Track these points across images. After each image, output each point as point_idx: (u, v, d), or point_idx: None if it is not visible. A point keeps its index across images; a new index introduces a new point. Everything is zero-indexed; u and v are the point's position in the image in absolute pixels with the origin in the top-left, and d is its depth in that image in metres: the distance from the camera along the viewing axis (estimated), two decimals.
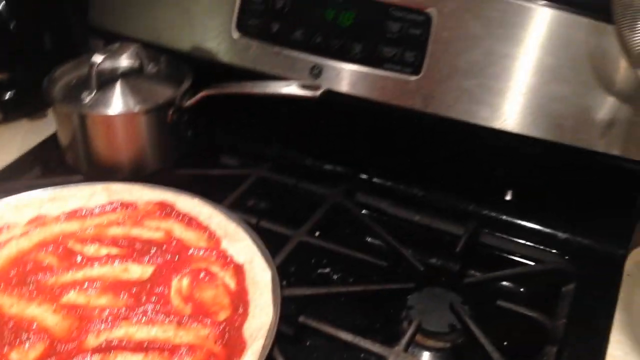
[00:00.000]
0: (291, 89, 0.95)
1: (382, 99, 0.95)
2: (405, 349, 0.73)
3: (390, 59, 0.95)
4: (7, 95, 1.20)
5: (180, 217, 0.89)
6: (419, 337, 0.78)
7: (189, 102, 1.02)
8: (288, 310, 0.76)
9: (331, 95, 0.96)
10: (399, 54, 0.94)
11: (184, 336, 0.72)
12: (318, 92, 0.94)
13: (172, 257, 0.82)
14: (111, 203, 0.91)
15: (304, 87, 0.95)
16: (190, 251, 0.84)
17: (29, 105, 1.20)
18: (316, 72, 0.99)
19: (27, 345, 0.69)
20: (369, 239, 0.97)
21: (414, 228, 0.97)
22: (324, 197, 0.99)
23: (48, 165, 1.08)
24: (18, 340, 0.70)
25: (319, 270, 0.93)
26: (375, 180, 1.06)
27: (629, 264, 0.90)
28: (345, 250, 0.90)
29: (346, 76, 0.97)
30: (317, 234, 0.94)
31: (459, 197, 1.00)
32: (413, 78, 0.93)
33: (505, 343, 0.78)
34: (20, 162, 1.08)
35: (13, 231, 0.85)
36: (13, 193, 0.92)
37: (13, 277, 0.78)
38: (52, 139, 1.10)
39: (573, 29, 0.84)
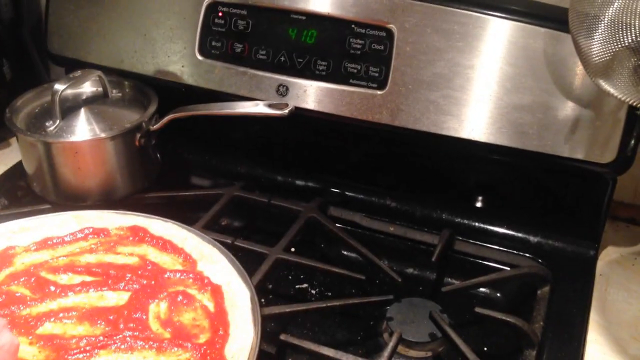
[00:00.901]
0: (259, 108, 0.95)
1: (350, 114, 0.96)
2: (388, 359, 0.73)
3: (355, 75, 0.96)
4: None
5: (154, 241, 0.88)
6: (400, 348, 0.78)
7: (156, 126, 1.01)
8: (268, 329, 0.76)
9: (299, 113, 0.96)
10: (364, 69, 0.95)
11: None
12: (286, 111, 0.94)
13: (149, 281, 0.81)
14: (82, 231, 0.89)
15: (272, 106, 0.95)
16: (167, 275, 0.83)
17: None
18: (283, 90, 1.00)
19: None
20: (345, 252, 0.98)
21: (388, 239, 0.98)
22: (297, 213, 0.99)
23: (14, 194, 1.06)
24: None
25: (297, 286, 0.93)
26: (347, 193, 1.06)
27: (601, 264, 0.92)
28: (321, 266, 0.90)
29: (313, 93, 0.98)
30: (292, 249, 0.94)
31: (432, 207, 1.01)
32: (379, 92, 0.94)
33: (485, 349, 0.79)
34: None
35: None
36: None
37: None
38: (17, 168, 1.08)
39: (531, 38, 0.86)
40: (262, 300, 0.81)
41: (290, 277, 0.94)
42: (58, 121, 0.98)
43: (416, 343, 0.79)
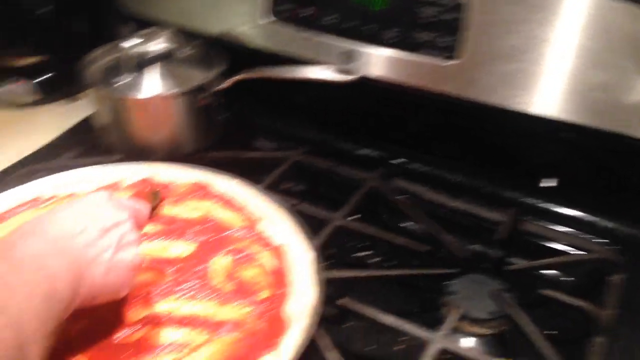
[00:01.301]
0: (325, 74, 0.94)
1: (417, 84, 0.94)
2: (449, 334, 0.72)
3: (425, 44, 0.93)
4: (44, 78, 1.21)
5: (219, 198, 0.89)
6: (461, 323, 0.77)
7: (222, 86, 1.02)
8: (328, 293, 0.75)
9: (365, 80, 0.95)
10: (435, 38, 0.92)
11: (226, 313, 0.72)
12: (352, 77, 0.93)
13: (211, 236, 0.82)
14: (149, 182, 0.91)
15: (339, 72, 0.94)
16: (229, 232, 0.83)
17: (65, 87, 1.21)
18: (350, 57, 0.98)
19: (74, 317, 0.69)
20: (406, 224, 0.96)
21: (452, 214, 0.96)
22: (360, 182, 0.98)
23: (85, 145, 1.08)
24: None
25: (357, 254, 0.92)
26: (411, 165, 1.05)
27: None
28: (383, 234, 0.89)
29: (380, 61, 0.96)
30: (354, 217, 0.93)
31: (498, 184, 0.98)
32: (448, 63, 0.91)
33: (550, 331, 0.76)
34: (58, 142, 1.09)
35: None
36: (51, 172, 0.93)
37: None
38: (88, 121, 1.10)
39: (612, 14, 0.82)
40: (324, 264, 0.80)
41: (349, 245, 0.94)
42: (128, 77, 1.00)
43: (477, 320, 0.77)
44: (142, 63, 1.02)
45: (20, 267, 0.55)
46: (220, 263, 0.79)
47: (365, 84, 0.94)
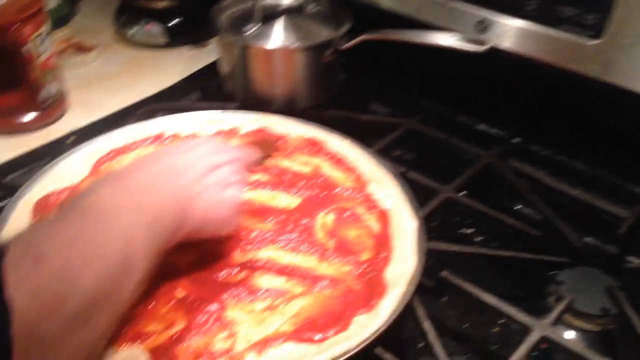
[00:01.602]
0: (454, 42, 0.91)
1: (554, 61, 0.89)
2: (553, 324, 0.69)
3: (567, 19, 0.87)
4: (174, 22, 1.25)
5: (330, 156, 0.89)
6: (566, 315, 0.73)
7: (347, 45, 1.01)
8: (429, 263, 0.74)
9: (496, 52, 0.90)
10: (579, 14, 0.86)
11: (326, 269, 0.72)
12: (483, 48, 0.89)
13: (318, 192, 0.83)
14: (266, 132, 0.92)
15: (469, 41, 0.91)
16: (337, 190, 0.83)
17: (194, 33, 1.25)
18: (483, 26, 0.94)
19: (181, 249, 0.72)
20: (518, 207, 0.92)
21: (570, 203, 0.91)
22: (475, 157, 0.95)
23: (206, 91, 1.12)
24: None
25: (462, 230, 0.89)
26: (532, 147, 1.00)
27: None
28: (493, 213, 0.86)
29: (515, 33, 0.91)
30: (463, 193, 0.90)
31: (625, 177, 0.92)
32: (592, 42, 0.85)
33: None
34: (181, 85, 1.13)
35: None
36: (174, 112, 0.96)
37: None
38: (212, 68, 1.13)
39: None
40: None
41: (455, 220, 0.91)
42: (257, 27, 1.01)
43: (585, 314, 0.73)
44: (271, 15, 1.03)
45: (130, 191, 0.60)
46: (325, 219, 0.79)
47: (494, 56, 0.90)
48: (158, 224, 0.60)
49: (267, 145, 0.87)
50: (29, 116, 0.97)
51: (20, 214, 0.75)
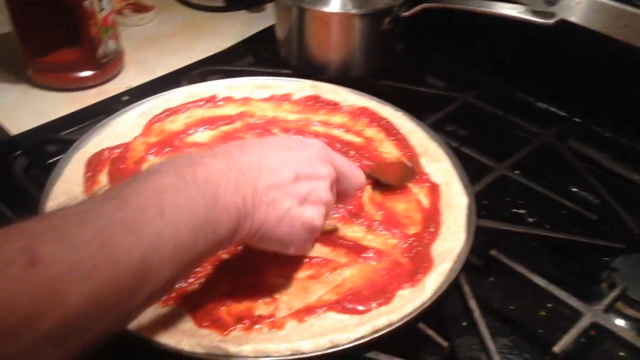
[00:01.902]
0: (521, 12, 0.88)
1: (625, 38, 0.84)
2: (605, 310, 0.66)
3: None
4: None
5: (382, 127, 0.87)
6: (619, 303, 0.71)
7: (407, 13, 0.98)
8: (478, 241, 0.72)
9: (565, 26, 0.87)
10: None
11: (372, 241, 0.71)
12: (551, 20, 0.86)
13: (368, 162, 0.81)
14: (316, 100, 0.91)
15: (536, 12, 0.87)
16: (387, 162, 0.82)
17: None
18: None
19: None
20: (574, 189, 0.89)
21: (630, 188, 0.87)
22: (533, 135, 0.92)
23: (260, 56, 1.11)
24: None
25: (514, 210, 0.87)
26: (593, 127, 0.96)
27: None
28: (548, 194, 0.83)
29: (586, 7, 0.87)
30: (518, 172, 0.87)
31: None
32: None
33: None
34: (235, 49, 1.12)
35: (227, 107, 0.89)
36: (228, 75, 0.96)
37: None
38: (267, 33, 1.12)
39: None
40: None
41: (508, 199, 0.89)
42: None
43: (638, 303, 0.70)
44: None
45: (196, 181, 0.50)
46: (373, 191, 0.78)
47: (561, 30, 0.86)
48: (208, 228, 0.50)
49: (404, 172, 0.79)
50: (87, 72, 0.99)
51: (74, 168, 0.76)
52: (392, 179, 0.78)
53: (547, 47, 0.96)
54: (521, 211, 0.86)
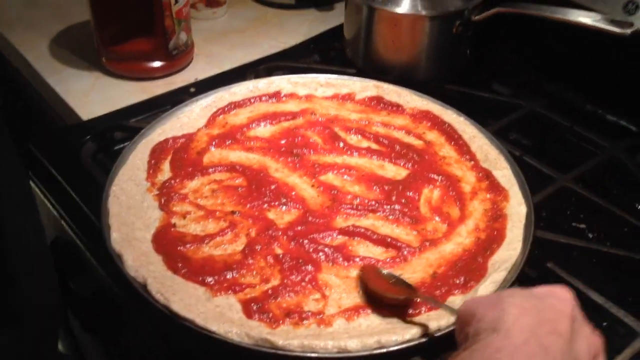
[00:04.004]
0: (597, 21, 0.85)
1: None
2: None
3: None
4: None
5: (444, 131, 0.86)
6: None
7: (478, 17, 0.97)
8: (535, 253, 0.70)
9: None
10: None
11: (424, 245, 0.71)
12: (629, 31, 0.83)
13: (428, 166, 0.81)
14: (379, 101, 0.91)
15: (613, 22, 0.84)
16: (448, 167, 0.81)
17: None
18: (632, 8, 0.87)
19: (284, 208, 0.74)
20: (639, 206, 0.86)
21: None
22: (600, 148, 0.89)
23: (326, 54, 1.11)
24: (277, 202, 0.74)
25: (574, 224, 0.84)
26: None
27: None
28: (612, 209, 0.80)
29: None
30: (581, 184, 0.85)
31: None
32: None
33: None
34: (303, 46, 1.13)
35: (290, 103, 0.91)
36: (292, 72, 0.97)
37: (283, 146, 0.82)
38: (335, 31, 1.13)
39: None
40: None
41: (568, 212, 0.86)
42: None
43: None
44: None
45: None
46: (431, 194, 0.77)
47: (637, 41, 0.83)
48: None
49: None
50: (157, 63, 1.02)
51: (139, 155, 0.79)
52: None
53: (622, 58, 0.93)
54: (581, 225, 0.84)
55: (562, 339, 0.48)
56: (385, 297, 0.64)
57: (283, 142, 0.83)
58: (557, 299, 0.51)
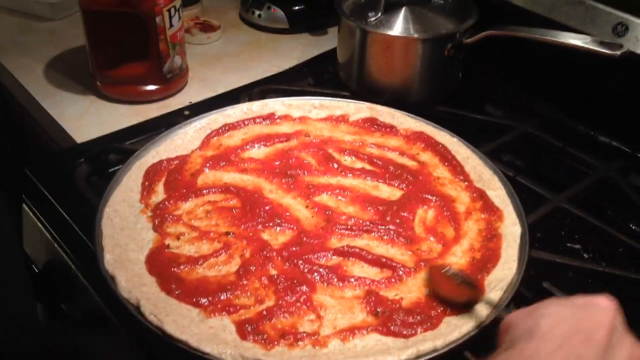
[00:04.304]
0: (587, 43, 0.86)
1: None
2: None
3: None
4: (296, 9, 1.27)
5: (438, 152, 0.87)
6: None
7: (470, 39, 0.98)
8: (530, 273, 0.70)
9: (633, 58, 0.85)
10: None
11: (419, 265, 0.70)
12: (618, 52, 0.84)
13: (422, 187, 0.81)
14: (373, 122, 0.91)
15: (603, 44, 0.85)
16: (441, 187, 0.82)
17: (313, 20, 1.26)
18: (621, 30, 0.88)
19: (278, 228, 0.74)
20: (633, 226, 0.86)
21: None
22: (593, 169, 0.90)
23: (320, 77, 1.12)
24: (272, 222, 0.74)
25: (569, 244, 0.84)
26: None
27: None
28: (606, 229, 0.80)
29: None
30: (575, 205, 0.85)
31: None
32: None
33: None
34: (296, 69, 1.14)
35: (284, 125, 0.91)
36: (286, 95, 0.98)
37: (277, 167, 0.83)
38: (328, 55, 1.14)
39: None
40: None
41: (562, 233, 0.86)
42: (379, 14, 1.00)
43: None
44: (395, 4, 1.01)
45: None
46: (425, 215, 0.77)
47: (631, 62, 0.84)
48: None
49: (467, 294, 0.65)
50: (152, 87, 1.02)
51: (133, 177, 0.79)
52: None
53: (613, 80, 0.94)
54: (576, 246, 0.84)
55: (598, 348, 0.48)
56: (451, 300, 0.65)
57: (277, 163, 0.83)
58: (598, 308, 0.52)
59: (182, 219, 0.75)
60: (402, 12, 1.01)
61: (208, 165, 0.83)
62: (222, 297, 0.65)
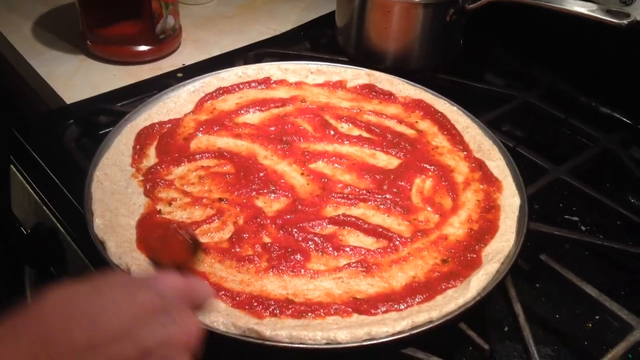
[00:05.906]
0: (593, 11, 0.84)
1: None
2: None
3: None
4: None
5: (436, 120, 0.85)
6: None
7: (473, 5, 0.95)
8: (528, 245, 0.69)
9: (636, 29, 0.82)
10: None
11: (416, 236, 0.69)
12: (625, 21, 0.81)
13: (420, 156, 0.79)
14: (371, 89, 0.89)
15: (609, 12, 0.83)
16: (439, 157, 0.80)
17: None
18: None
19: (272, 196, 0.72)
20: (632, 199, 0.85)
21: None
22: (594, 141, 0.88)
23: (317, 42, 1.09)
24: (266, 189, 0.72)
25: (567, 216, 0.83)
26: None
27: None
28: (605, 202, 0.79)
29: None
30: (574, 177, 0.84)
31: None
32: None
33: None
34: (293, 33, 1.11)
35: (280, 90, 0.89)
36: (283, 59, 0.95)
37: (272, 133, 0.80)
38: (326, 19, 1.11)
39: None
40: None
41: (561, 205, 0.85)
42: None
43: None
44: None
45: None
46: (423, 184, 0.76)
47: (634, 32, 0.82)
48: None
49: (188, 247, 0.59)
50: (144, 47, 0.99)
51: (124, 140, 0.77)
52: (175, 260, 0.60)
53: (617, 50, 0.92)
54: (574, 218, 0.83)
55: None
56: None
57: (272, 129, 0.81)
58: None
59: (175, 184, 0.73)
60: None
61: (201, 129, 0.80)
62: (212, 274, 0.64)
